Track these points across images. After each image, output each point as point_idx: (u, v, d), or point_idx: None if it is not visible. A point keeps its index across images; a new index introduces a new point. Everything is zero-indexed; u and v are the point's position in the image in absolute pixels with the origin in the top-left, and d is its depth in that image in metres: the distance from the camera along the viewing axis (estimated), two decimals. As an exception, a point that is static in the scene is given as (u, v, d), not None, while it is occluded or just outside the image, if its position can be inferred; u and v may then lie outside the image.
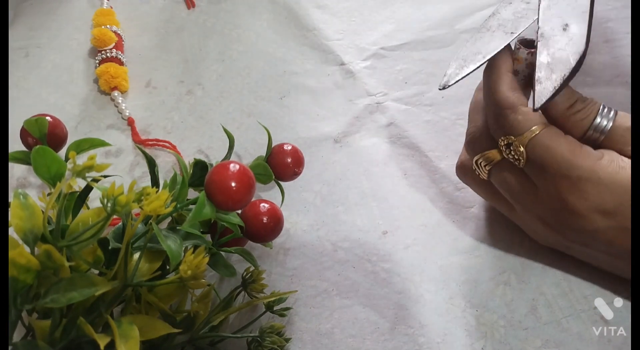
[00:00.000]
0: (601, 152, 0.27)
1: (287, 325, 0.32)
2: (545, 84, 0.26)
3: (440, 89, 0.30)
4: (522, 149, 0.27)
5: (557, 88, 0.25)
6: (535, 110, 0.26)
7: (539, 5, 0.28)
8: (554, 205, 0.28)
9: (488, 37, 0.29)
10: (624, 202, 0.26)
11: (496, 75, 0.29)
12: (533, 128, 0.27)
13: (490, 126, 0.29)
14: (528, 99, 0.29)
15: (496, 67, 0.29)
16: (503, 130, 0.28)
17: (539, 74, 0.26)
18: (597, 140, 0.28)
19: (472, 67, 0.29)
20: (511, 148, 0.28)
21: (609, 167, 0.26)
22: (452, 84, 0.30)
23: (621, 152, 0.27)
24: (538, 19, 0.28)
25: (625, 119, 0.27)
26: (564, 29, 0.27)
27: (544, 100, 0.26)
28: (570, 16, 0.27)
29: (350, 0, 0.50)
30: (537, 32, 0.27)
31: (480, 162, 0.31)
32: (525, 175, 0.29)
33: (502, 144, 0.28)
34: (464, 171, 0.33)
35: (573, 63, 0.26)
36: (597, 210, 0.26)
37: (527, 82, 0.29)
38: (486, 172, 0.30)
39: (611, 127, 0.27)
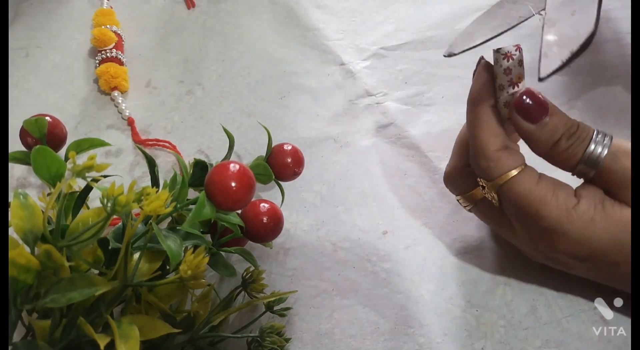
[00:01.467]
0: (578, 198, 0.26)
1: (287, 325, 0.32)
2: (552, 58, 0.25)
3: (445, 56, 0.30)
4: (494, 193, 0.28)
5: (564, 61, 0.25)
6: (540, 80, 0.25)
7: None
8: (528, 245, 0.28)
9: (495, 18, 0.29)
10: (596, 252, 0.25)
11: (475, 114, 0.28)
12: (506, 174, 0.26)
13: (471, 163, 0.29)
14: (525, 111, 0.27)
15: (475, 102, 0.28)
16: (478, 173, 0.28)
17: (545, 49, 0.25)
18: (587, 174, 0.26)
19: (479, 40, 0.28)
20: (485, 190, 0.28)
21: (579, 219, 0.25)
22: (457, 53, 0.29)
23: (610, 193, 0.26)
24: (545, 7, 0.27)
25: (618, 153, 0.25)
26: (572, 14, 0.26)
27: (550, 71, 0.25)
28: (578, 3, 0.27)
29: (350, 0, 0.50)
30: (544, 18, 0.27)
31: (461, 202, 0.32)
32: (502, 214, 0.29)
33: (480, 184, 0.29)
34: (451, 182, 0.33)
35: (582, 39, 0.25)
36: (567, 255, 0.27)
37: (519, 95, 0.27)
38: (468, 209, 0.32)
39: (602, 164, 0.25)
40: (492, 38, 0.28)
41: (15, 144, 0.30)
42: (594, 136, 0.25)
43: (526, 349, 0.30)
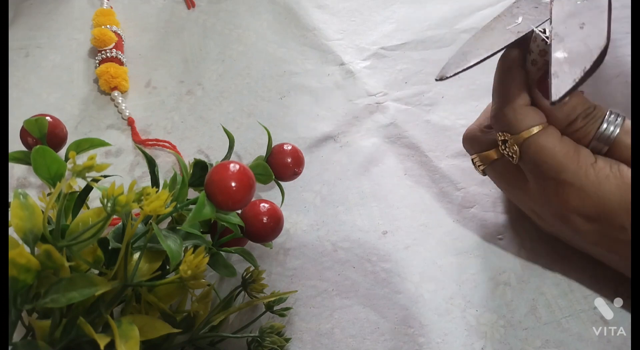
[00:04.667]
0: (597, 157, 0.27)
1: (287, 325, 0.32)
2: (563, 78, 0.25)
3: (436, 80, 0.30)
4: (516, 147, 0.28)
5: (577, 81, 0.25)
6: (552, 104, 0.25)
7: (551, 6, 0.27)
8: (541, 203, 0.28)
9: (492, 35, 0.29)
10: (606, 211, 0.26)
11: (506, 68, 0.29)
12: (531, 128, 0.27)
13: (491, 119, 0.30)
14: (546, 90, 0.27)
15: (508, 59, 0.29)
16: (501, 127, 0.28)
17: (555, 68, 0.25)
18: (601, 151, 0.27)
19: (473, 61, 0.29)
20: (507, 145, 0.28)
21: (596, 175, 0.26)
22: (449, 77, 0.29)
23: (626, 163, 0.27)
24: (550, 19, 0.27)
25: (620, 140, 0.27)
26: (581, 27, 0.26)
27: (563, 93, 0.25)
28: (587, 15, 0.26)
29: (350, 0, 0.50)
30: (551, 32, 0.27)
31: (476, 161, 0.32)
32: (517, 173, 0.29)
33: (499, 139, 0.29)
34: (470, 142, 0.33)
35: (595, 56, 0.25)
36: (578, 213, 0.27)
37: (544, 72, 0.28)
38: (481, 170, 0.32)
39: (615, 140, 0.27)
40: (487, 58, 0.28)
41: (15, 144, 0.30)
42: (607, 116, 0.27)
43: (526, 349, 0.30)
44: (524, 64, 0.29)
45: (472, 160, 0.32)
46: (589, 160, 0.26)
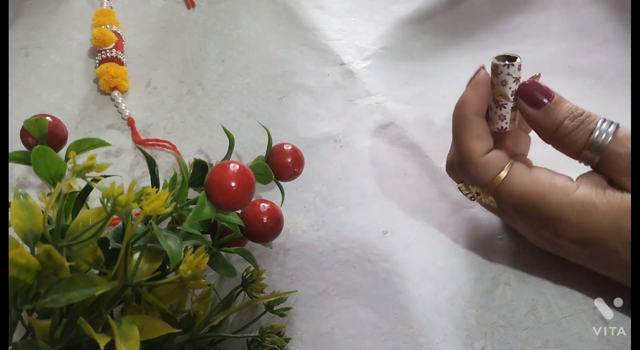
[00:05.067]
0: (578, 183, 0.26)
1: (287, 325, 0.32)
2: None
3: None
4: (490, 197, 0.28)
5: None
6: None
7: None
8: (529, 233, 0.29)
9: None
10: (596, 237, 0.26)
11: (462, 119, 0.28)
12: (497, 176, 0.27)
13: (460, 174, 0.30)
14: (529, 97, 0.28)
15: (463, 107, 0.28)
16: (469, 181, 0.29)
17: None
18: (592, 160, 0.27)
19: None
20: (480, 197, 0.29)
21: (581, 205, 0.25)
22: None
23: (613, 180, 0.26)
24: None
25: (624, 139, 0.26)
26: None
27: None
28: None
29: (350, 0, 0.50)
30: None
31: (462, 189, 0.32)
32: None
33: (473, 192, 0.29)
34: (452, 169, 0.33)
35: None
36: (570, 241, 0.27)
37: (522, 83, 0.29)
38: (469, 197, 0.32)
39: (607, 149, 0.26)
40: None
41: (15, 144, 0.30)
42: (599, 124, 0.26)
43: (526, 349, 0.30)
44: (482, 111, 0.28)
45: (459, 188, 0.32)
46: (570, 188, 0.26)
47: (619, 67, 0.41)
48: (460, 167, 0.29)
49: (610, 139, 0.26)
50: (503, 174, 0.27)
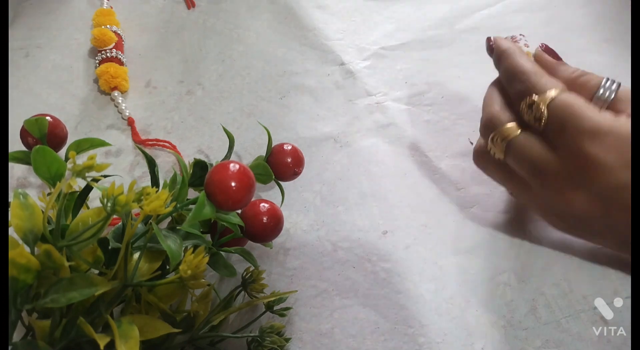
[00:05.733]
0: (615, 113, 0.28)
1: (287, 325, 0.32)
2: None
3: None
4: (543, 108, 0.28)
5: None
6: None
7: None
8: (577, 164, 0.27)
9: None
10: (627, 160, 0.26)
11: (512, 56, 0.31)
12: (555, 89, 0.28)
13: (516, 99, 0.30)
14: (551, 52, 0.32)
15: (507, 51, 0.32)
16: (527, 91, 0.29)
17: None
18: (601, 109, 0.28)
19: None
20: (532, 108, 0.28)
21: (628, 125, 0.26)
22: None
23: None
24: None
25: (626, 90, 0.28)
26: None
27: None
28: None
29: (350, 0, 0.50)
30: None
31: (497, 139, 0.30)
32: (544, 143, 0.29)
33: (524, 106, 0.29)
34: (480, 155, 0.33)
35: None
36: (623, 163, 0.26)
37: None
38: (503, 148, 0.30)
39: (614, 98, 0.28)
40: None
41: (15, 144, 0.30)
42: (603, 82, 0.29)
43: (526, 349, 0.30)
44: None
45: (492, 139, 0.31)
46: (613, 113, 0.27)
47: (619, 67, 0.41)
48: (521, 80, 0.30)
49: (613, 96, 0.28)
50: (561, 89, 0.28)
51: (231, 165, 0.24)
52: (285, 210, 0.36)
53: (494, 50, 0.33)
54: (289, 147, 0.33)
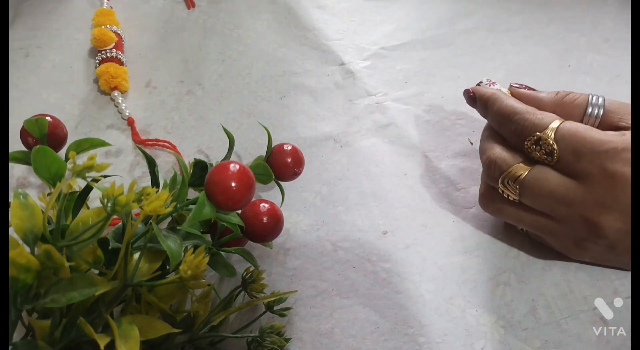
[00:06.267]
0: (614, 127, 0.29)
1: (287, 325, 0.32)
2: None
3: None
4: (551, 141, 0.28)
5: None
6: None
7: None
8: (605, 184, 0.27)
9: None
10: None
11: (498, 100, 0.32)
12: (555, 121, 0.29)
13: (514, 139, 0.30)
14: None
15: (492, 96, 0.32)
16: (528, 132, 0.29)
17: None
18: (592, 126, 0.29)
19: None
20: (540, 144, 0.29)
21: (620, 137, 0.27)
22: None
23: (620, 127, 0.29)
24: None
25: (611, 102, 0.30)
26: None
27: None
28: None
29: (350, 0, 0.50)
30: None
31: (508, 181, 0.30)
32: (559, 173, 0.28)
33: (530, 144, 0.29)
34: (488, 200, 0.32)
35: None
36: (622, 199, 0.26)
37: None
38: (517, 189, 0.29)
39: (603, 111, 0.29)
40: None
41: (15, 144, 0.30)
42: (589, 100, 0.30)
43: (525, 349, 0.30)
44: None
45: (502, 182, 0.30)
46: (617, 132, 0.28)
47: (619, 67, 0.41)
48: (519, 122, 0.30)
49: (602, 111, 0.30)
50: (560, 120, 0.29)
51: (231, 165, 0.24)
52: (285, 210, 0.36)
53: (477, 99, 0.34)
54: (289, 147, 0.33)
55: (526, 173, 0.29)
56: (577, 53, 0.43)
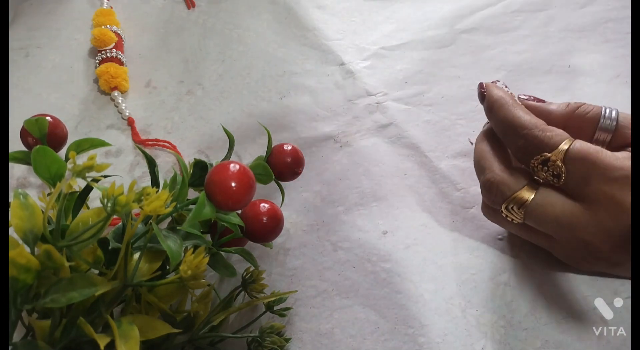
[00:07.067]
0: (625, 149, 0.28)
1: (287, 325, 0.32)
2: None
3: None
4: (560, 163, 0.27)
5: None
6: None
7: None
8: (611, 210, 0.26)
9: None
10: None
11: (506, 107, 0.29)
12: (565, 141, 0.27)
13: (519, 154, 0.29)
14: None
15: (500, 100, 0.30)
16: (536, 150, 0.27)
17: None
18: (604, 141, 0.28)
19: None
20: (548, 165, 0.27)
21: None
22: None
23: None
24: None
25: (625, 116, 0.28)
26: None
27: None
28: None
29: (350, 0, 0.50)
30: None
31: (512, 207, 0.29)
32: (564, 196, 0.27)
33: (537, 163, 0.28)
34: (491, 212, 0.31)
35: None
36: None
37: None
38: (521, 215, 0.28)
39: (616, 125, 0.28)
40: None
41: (15, 144, 0.30)
42: (602, 110, 0.29)
43: (526, 349, 0.30)
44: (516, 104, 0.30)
45: (506, 208, 0.29)
46: (626, 155, 0.27)
47: (619, 67, 0.41)
48: (526, 139, 0.28)
49: (615, 124, 0.28)
50: (571, 140, 0.27)
51: (231, 165, 0.24)
52: (285, 210, 0.36)
53: (486, 98, 0.31)
54: (289, 147, 0.33)
55: (531, 198, 0.27)
56: (577, 53, 0.43)
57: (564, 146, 0.27)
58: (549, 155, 0.27)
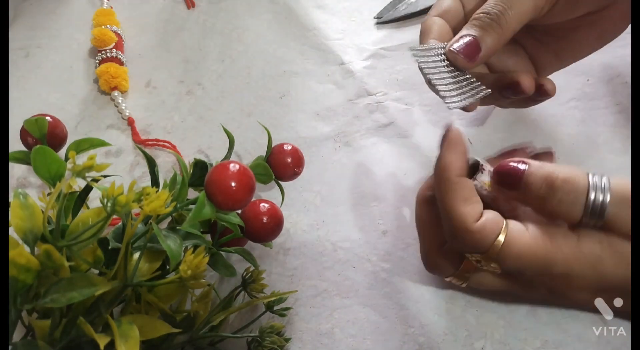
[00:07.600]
0: (577, 234, 0.25)
1: (287, 325, 0.32)
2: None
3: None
4: (493, 264, 0.26)
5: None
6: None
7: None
8: (545, 293, 0.27)
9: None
10: (611, 285, 0.25)
11: (445, 184, 0.26)
12: (497, 240, 0.25)
13: (450, 242, 0.27)
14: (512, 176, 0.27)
15: (445, 170, 0.27)
16: (467, 250, 0.27)
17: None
18: (594, 226, 0.25)
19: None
20: (482, 264, 0.27)
21: (586, 262, 0.24)
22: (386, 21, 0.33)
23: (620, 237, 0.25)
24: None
25: (623, 190, 0.24)
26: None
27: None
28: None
29: (350, 0, 0.50)
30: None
31: (455, 281, 0.30)
32: (506, 275, 0.28)
33: (472, 259, 0.27)
34: (437, 266, 0.30)
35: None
36: (587, 291, 0.26)
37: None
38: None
39: (609, 213, 0.24)
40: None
41: (15, 144, 0.30)
42: (590, 181, 0.24)
43: (525, 349, 0.30)
44: (462, 171, 0.27)
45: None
46: (571, 241, 0.25)
47: (619, 67, 0.41)
48: (454, 237, 0.26)
49: (608, 197, 0.24)
50: (501, 237, 0.25)
51: (231, 165, 0.24)
52: (285, 210, 0.36)
53: (436, 162, 0.28)
54: (289, 147, 0.33)
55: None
56: (577, 53, 0.43)
57: (494, 249, 0.25)
58: (480, 257, 0.26)
